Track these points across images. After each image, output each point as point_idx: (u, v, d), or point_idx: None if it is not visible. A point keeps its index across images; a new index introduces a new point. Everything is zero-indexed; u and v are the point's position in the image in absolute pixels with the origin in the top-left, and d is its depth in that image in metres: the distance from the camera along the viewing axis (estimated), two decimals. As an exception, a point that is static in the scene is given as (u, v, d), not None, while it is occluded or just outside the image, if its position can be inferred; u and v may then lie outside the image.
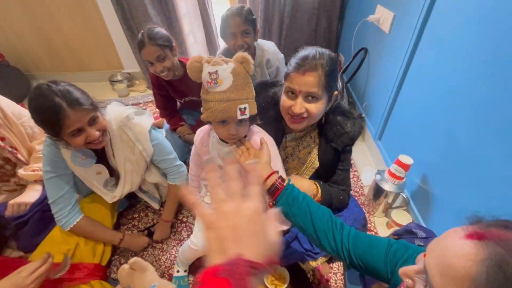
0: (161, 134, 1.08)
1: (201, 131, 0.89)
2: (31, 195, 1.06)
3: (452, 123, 0.95)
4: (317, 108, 0.78)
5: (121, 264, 1.03)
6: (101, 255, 1.00)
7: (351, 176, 1.46)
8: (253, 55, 1.41)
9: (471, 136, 0.87)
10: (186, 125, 1.47)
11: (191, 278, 1.05)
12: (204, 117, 0.73)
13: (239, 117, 0.70)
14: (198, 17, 2.08)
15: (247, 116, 0.72)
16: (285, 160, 1.00)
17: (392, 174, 1.14)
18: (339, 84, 1.74)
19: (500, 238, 0.32)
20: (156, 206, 1.18)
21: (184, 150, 1.45)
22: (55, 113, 0.74)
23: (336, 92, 0.83)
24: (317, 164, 0.95)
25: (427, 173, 1.10)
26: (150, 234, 1.17)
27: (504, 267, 0.29)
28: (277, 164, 0.86)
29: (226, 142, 0.81)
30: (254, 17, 1.31)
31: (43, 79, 2.37)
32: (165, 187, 1.15)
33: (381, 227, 1.23)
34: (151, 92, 2.28)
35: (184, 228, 1.22)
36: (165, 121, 1.51)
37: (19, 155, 1.10)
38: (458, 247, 0.34)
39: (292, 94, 0.79)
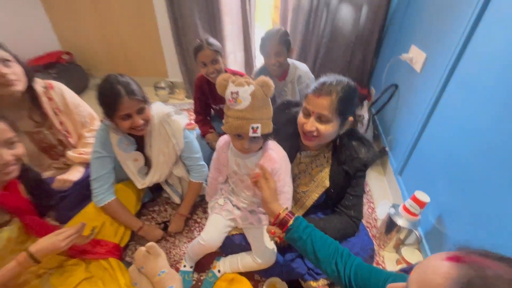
0: (192, 135, 1.21)
1: (223, 139, 0.99)
2: (74, 175, 1.21)
3: (474, 166, 0.95)
4: (326, 129, 0.85)
5: (135, 249, 1.12)
6: (121, 237, 1.11)
7: (366, 207, 1.47)
8: (286, 71, 1.54)
9: (491, 181, 0.86)
10: (214, 132, 1.60)
11: (195, 275, 1.11)
12: (223, 129, 0.84)
13: (251, 134, 0.79)
14: (241, 39, 2.28)
15: (258, 135, 0.81)
16: (297, 176, 1.05)
17: (406, 210, 1.13)
18: (366, 115, 1.78)
19: (475, 262, 0.36)
20: (177, 200, 1.28)
21: (210, 156, 1.57)
22: (114, 97, 0.91)
23: (351, 118, 0.89)
24: (327, 183, 0.99)
25: (443, 214, 1.08)
26: (165, 228, 1.27)
27: None
28: (286, 178, 0.93)
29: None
30: (288, 37, 1.45)
31: (100, 78, 2.70)
32: (186, 182, 1.25)
33: (390, 262, 1.20)
34: (188, 101, 2.50)
35: (197, 228, 1.30)
36: (196, 127, 1.66)
37: (70, 139, 1.28)
38: (437, 266, 0.38)
39: (307, 113, 0.87)
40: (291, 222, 0.76)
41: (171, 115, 1.10)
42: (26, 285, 0.87)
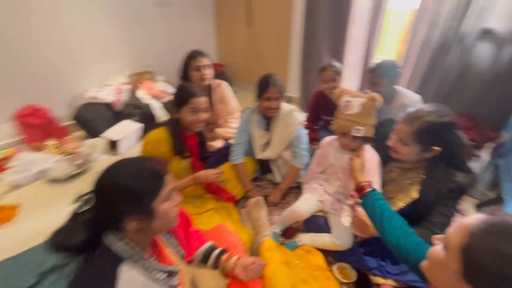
0: (304, 131, 1.56)
1: (328, 138, 1.27)
2: (218, 143, 1.78)
3: None
4: (404, 150, 1.01)
5: (241, 207, 1.53)
6: (237, 192, 1.55)
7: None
8: (393, 97, 1.64)
9: None
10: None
11: (280, 239, 1.40)
12: (332, 127, 1.13)
13: (354, 134, 1.04)
14: (360, 69, 2.49)
15: (360, 135, 1.04)
16: (386, 183, 1.19)
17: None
18: (486, 157, 1.65)
19: (501, 215, 0.50)
20: (278, 178, 1.64)
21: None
22: (266, 83, 1.38)
23: (436, 148, 0.98)
24: (415, 195, 1.09)
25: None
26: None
27: (490, 226, 0.48)
28: (374, 177, 1.13)
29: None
30: (389, 70, 1.55)
31: (237, 86, 3.52)
32: (289, 167, 1.58)
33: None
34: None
35: (285, 207, 1.59)
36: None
37: (219, 121, 1.87)
38: (472, 216, 0.52)
39: (394, 132, 1.05)
40: (368, 190, 0.95)
41: (295, 111, 1.50)
42: (186, 197, 1.41)
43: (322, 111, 1.90)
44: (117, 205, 0.61)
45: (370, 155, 1.13)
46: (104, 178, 0.63)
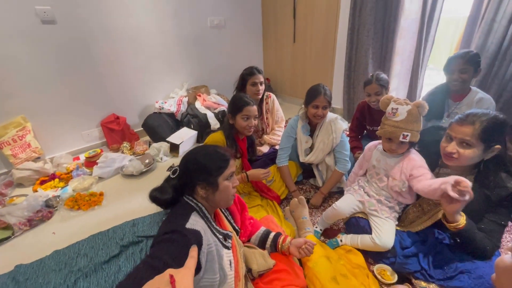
0: (347, 138, 1.64)
1: (373, 143, 1.34)
2: (265, 148, 1.96)
3: None
4: (467, 153, 1.01)
5: (285, 206, 1.66)
6: (282, 192, 1.69)
7: (509, 239, 1.30)
8: (465, 94, 1.59)
9: None
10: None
11: (321, 238, 1.48)
12: (378, 133, 1.20)
13: (401, 139, 1.10)
14: (407, 79, 2.47)
15: (407, 141, 1.11)
16: (434, 190, 1.21)
17: None
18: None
19: None
20: (320, 183, 1.72)
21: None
22: (316, 92, 1.52)
23: (497, 146, 0.99)
24: (464, 201, 1.09)
25: None
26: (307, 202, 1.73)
27: None
28: (427, 172, 1.13)
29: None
30: (479, 59, 1.48)
31: (281, 98, 3.71)
32: (331, 172, 1.67)
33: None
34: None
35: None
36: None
37: (267, 129, 2.06)
38: None
39: (449, 138, 1.06)
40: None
41: (339, 118, 1.60)
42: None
43: (366, 121, 1.95)
44: (193, 175, 0.84)
45: (416, 156, 1.18)
46: (187, 156, 0.89)
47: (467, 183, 0.88)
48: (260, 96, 1.96)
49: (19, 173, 2.03)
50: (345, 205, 1.34)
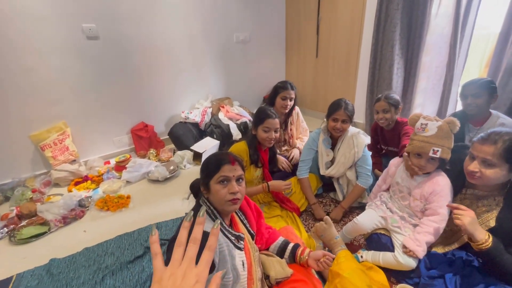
0: (369, 153, 1.63)
1: (397, 159, 1.33)
2: (295, 152, 2.01)
3: None
4: (490, 173, 0.98)
5: (304, 219, 1.66)
6: (302, 204, 1.70)
7: None
8: (486, 119, 1.55)
9: None
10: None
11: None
12: (407, 149, 1.18)
13: (431, 154, 1.09)
14: (438, 94, 2.41)
15: (437, 156, 1.08)
16: (460, 210, 1.17)
17: None
18: None
19: None
20: (340, 197, 1.71)
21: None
22: (337, 107, 1.55)
23: None
24: (492, 224, 1.05)
25: None
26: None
27: None
28: (443, 202, 1.12)
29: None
30: (493, 85, 1.47)
31: (303, 112, 3.73)
32: (352, 186, 1.66)
33: None
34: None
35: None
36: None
37: (291, 140, 2.10)
38: None
39: (472, 157, 1.04)
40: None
41: (361, 133, 1.61)
42: (255, 202, 1.63)
43: (380, 142, 1.94)
44: (200, 177, 0.98)
45: (442, 179, 1.14)
46: None
47: None
48: (287, 111, 2.03)
49: (57, 173, 2.21)
50: (367, 220, 1.32)
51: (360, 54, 2.86)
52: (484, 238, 0.98)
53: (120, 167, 2.38)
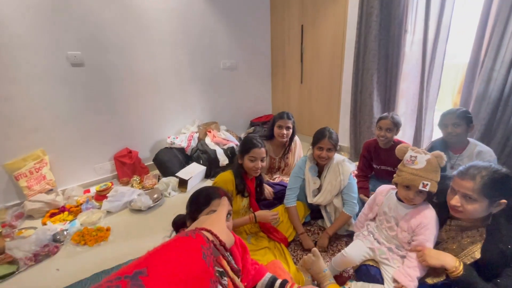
0: (355, 181, 1.64)
1: (385, 187, 1.34)
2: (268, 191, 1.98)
3: None
4: (471, 207, 1.00)
5: (292, 249, 1.62)
6: (289, 234, 1.66)
7: None
8: (464, 147, 1.64)
9: None
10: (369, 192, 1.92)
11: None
12: (395, 180, 1.20)
13: (420, 188, 1.11)
14: (414, 119, 2.53)
15: (427, 190, 1.10)
16: (444, 241, 1.18)
17: None
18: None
19: None
20: (328, 225, 1.69)
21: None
22: (321, 136, 1.58)
23: (503, 201, 0.98)
24: (477, 255, 1.05)
25: None
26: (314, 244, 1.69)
27: None
28: (430, 235, 1.14)
29: (401, 201, 1.21)
30: (469, 115, 1.58)
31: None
32: (339, 213, 1.65)
33: None
34: (350, 161, 2.97)
35: (335, 254, 1.61)
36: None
37: (286, 167, 2.11)
38: None
39: (453, 191, 1.07)
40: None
41: (346, 161, 1.64)
42: (242, 234, 1.58)
43: (373, 160, 1.97)
44: (186, 211, 0.98)
45: (428, 212, 1.15)
46: None
47: None
48: (285, 140, 2.10)
49: (31, 205, 2.08)
50: (355, 252, 1.30)
51: (342, 81, 2.99)
52: (454, 266, 1.02)
53: (101, 196, 2.28)
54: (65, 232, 1.87)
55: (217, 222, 0.58)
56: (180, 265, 0.38)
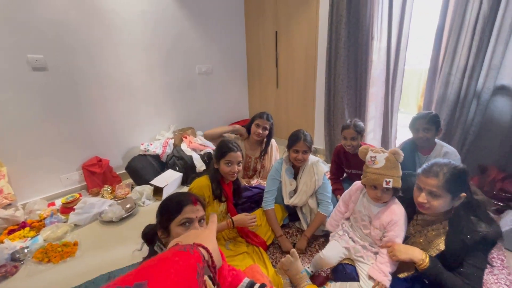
0: (328, 181, 1.69)
1: (360, 183, 1.37)
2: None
3: None
4: (437, 203, 1.07)
5: (271, 253, 1.62)
6: (268, 237, 1.65)
7: (492, 280, 1.31)
8: (432, 148, 1.73)
9: None
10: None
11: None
12: (363, 182, 1.25)
13: (384, 185, 1.16)
14: (381, 121, 2.67)
15: (390, 186, 1.15)
16: (412, 235, 1.24)
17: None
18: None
19: None
20: (305, 226, 1.71)
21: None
22: (296, 138, 1.60)
23: (463, 194, 1.06)
24: (442, 247, 1.12)
25: None
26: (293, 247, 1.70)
27: None
28: (400, 232, 1.20)
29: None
30: (438, 120, 1.65)
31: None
32: (314, 214, 1.68)
33: None
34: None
35: (313, 255, 1.63)
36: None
37: (262, 169, 2.12)
38: None
39: (420, 188, 1.13)
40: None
41: (320, 161, 1.68)
42: (220, 240, 1.55)
43: (343, 165, 2.04)
44: (156, 221, 0.94)
45: (397, 208, 1.21)
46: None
47: None
48: (259, 138, 2.16)
49: (-15, 222, 1.89)
50: (332, 253, 1.33)
51: (316, 86, 3.08)
52: (421, 259, 1.08)
53: (67, 208, 2.13)
54: (25, 250, 1.71)
55: (210, 241, 0.56)
56: (177, 285, 0.39)
